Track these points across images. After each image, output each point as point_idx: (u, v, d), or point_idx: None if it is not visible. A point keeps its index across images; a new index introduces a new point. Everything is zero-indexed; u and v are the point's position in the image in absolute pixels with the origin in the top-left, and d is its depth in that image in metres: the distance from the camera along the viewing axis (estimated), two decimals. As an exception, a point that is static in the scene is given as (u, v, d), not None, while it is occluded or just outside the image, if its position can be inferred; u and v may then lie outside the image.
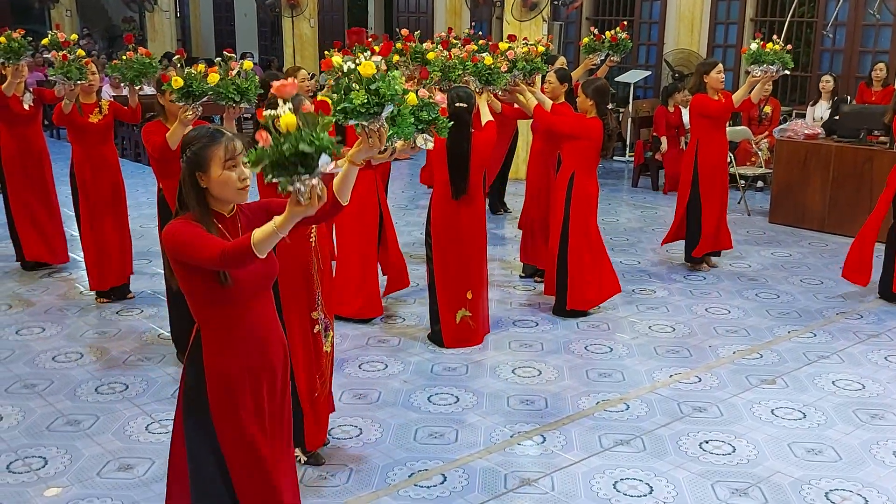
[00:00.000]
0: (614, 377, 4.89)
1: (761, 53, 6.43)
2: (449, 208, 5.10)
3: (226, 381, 2.64)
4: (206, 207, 2.59)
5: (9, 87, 6.30)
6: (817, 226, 8.32)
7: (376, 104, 2.64)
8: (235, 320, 2.63)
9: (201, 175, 2.57)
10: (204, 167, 2.55)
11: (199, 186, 2.58)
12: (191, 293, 2.62)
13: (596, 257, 5.79)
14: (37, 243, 6.75)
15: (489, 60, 5.19)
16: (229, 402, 2.66)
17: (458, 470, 3.84)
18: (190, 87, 4.35)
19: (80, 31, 22.61)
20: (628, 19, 14.44)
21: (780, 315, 5.97)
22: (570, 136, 5.59)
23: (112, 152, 6.05)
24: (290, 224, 2.31)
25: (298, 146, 2.11)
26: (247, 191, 2.58)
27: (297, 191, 2.19)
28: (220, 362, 2.63)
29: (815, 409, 4.49)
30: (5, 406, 4.42)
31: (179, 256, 2.53)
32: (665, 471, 3.86)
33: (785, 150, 8.63)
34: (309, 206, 2.22)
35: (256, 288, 2.65)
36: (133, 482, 3.71)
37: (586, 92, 5.57)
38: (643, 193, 10.26)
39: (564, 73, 6.39)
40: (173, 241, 2.51)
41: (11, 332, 5.48)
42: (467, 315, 5.25)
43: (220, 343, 2.63)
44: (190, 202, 2.59)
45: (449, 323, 5.23)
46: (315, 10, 16.67)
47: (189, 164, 2.57)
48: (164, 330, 5.50)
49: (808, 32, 12.62)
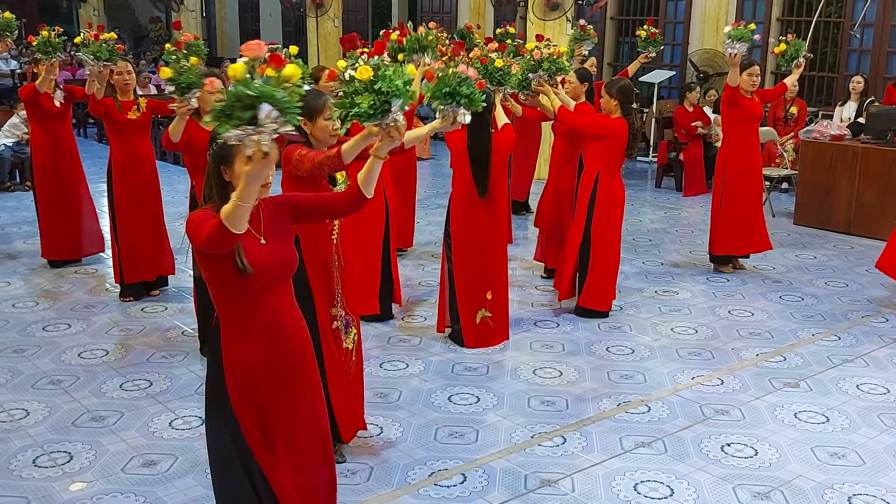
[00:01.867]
0: (636, 379, 4.88)
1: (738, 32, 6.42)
2: (469, 208, 5.10)
3: (242, 368, 2.69)
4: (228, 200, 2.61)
5: (42, 83, 6.41)
6: (843, 228, 8.24)
7: (383, 102, 2.72)
8: (252, 309, 2.68)
9: (225, 169, 2.61)
10: (228, 161, 2.59)
11: (223, 180, 2.62)
12: (211, 281, 2.68)
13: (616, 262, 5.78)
14: (58, 241, 6.82)
15: (499, 63, 5.20)
16: (246, 390, 2.70)
17: (479, 470, 3.85)
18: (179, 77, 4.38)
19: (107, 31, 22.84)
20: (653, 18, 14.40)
21: (805, 318, 5.92)
22: (595, 136, 5.57)
23: (149, 149, 6.12)
24: (249, 189, 2.31)
25: (240, 93, 2.14)
26: (268, 187, 2.59)
27: (243, 146, 2.20)
28: (237, 351, 2.68)
29: (838, 413, 4.46)
30: (32, 402, 4.49)
31: (193, 242, 2.60)
32: (686, 473, 3.84)
33: (811, 152, 8.56)
34: (256, 162, 2.22)
35: (273, 278, 2.69)
36: (156, 478, 3.75)
37: (610, 92, 5.55)
38: (667, 194, 10.21)
39: (584, 72, 6.39)
40: (189, 228, 2.58)
41: (38, 329, 5.56)
42: (487, 315, 5.26)
43: (236, 332, 2.69)
44: (214, 194, 2.64)
45: (469, 323, 5.23)
46: (339, 9, 16.74)
47: (214, 157, 2.62)
48: (188, 327, 5.55)
49: (836, 33, 12.48)
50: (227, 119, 2.18)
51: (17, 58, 18.45)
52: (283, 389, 2.76)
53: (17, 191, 9.76)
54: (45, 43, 6.26)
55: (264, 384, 2.73)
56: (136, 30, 25.64)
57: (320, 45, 16.26)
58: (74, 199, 6.81)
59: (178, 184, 9.99)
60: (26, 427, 4.20)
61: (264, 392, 2.73)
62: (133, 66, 6.33)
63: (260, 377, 2.72)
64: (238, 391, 2.71)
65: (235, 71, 2.17)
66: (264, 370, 2.72)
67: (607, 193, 5.61)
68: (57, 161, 6.70)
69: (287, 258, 2.72)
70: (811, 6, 12.17)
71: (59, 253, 6.87)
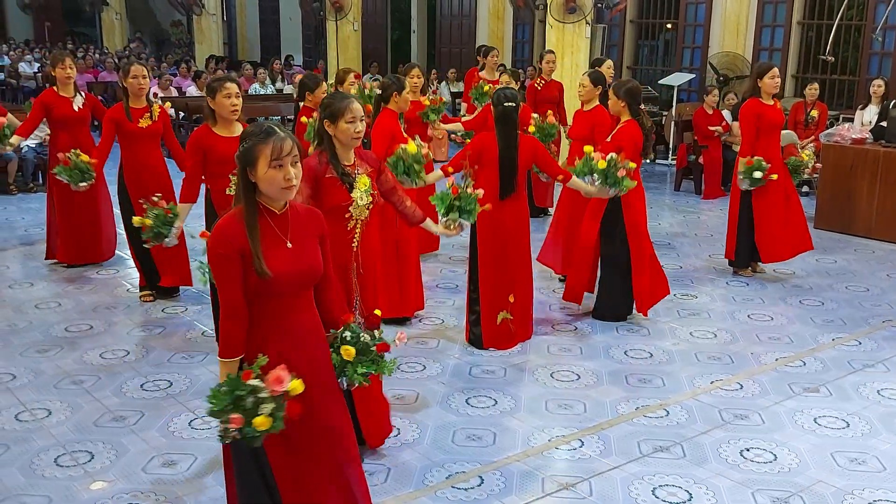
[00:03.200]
0: (654, 383, 4.86)
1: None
2: (493, 209, 5.06)
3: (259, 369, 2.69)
4: (253, 202, 2.67)
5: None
6: (864, 232, 8.18)
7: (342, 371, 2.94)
8: (272, 315, 2.70)
9: (251, 170, 2.65)
10: (252, 163, 2.63)
11: (249, 181, 2.66)
12: None
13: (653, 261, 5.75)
14: (75, 245, 6.87)
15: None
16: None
17: (496, 472, 3.85)
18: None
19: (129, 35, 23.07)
20: (672, 22, 14.35)
21: (825, 322, 5.88)
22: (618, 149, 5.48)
23: (159, 157, 6.15)
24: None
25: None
26: (291, 190, 2.63)
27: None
28: (254, 354, 2.68)
29: (858, 419, 4.42)
30: (54, 401, 4.54)
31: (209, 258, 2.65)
32: (705, 478, 3.83)
33: (831, 155, 8.50)
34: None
35: (295, 286, 2.71)
36: (176, 478, 3.78)
37: (618, 93, 5.55)
38: (686, 197, 10.17)
39: (598, 75, 6.34)
40: (212, 239, 2.62)
41: (60, 329, 5.62)
42: (508, 318, 5.27)
43: (256, 337, 2.71)
44: (240, 196, 2.68)
45: (490, 323, 5.25)
46: (359, 12, 16.82)
47: (240, 159, 2.66)
48: (207, 328, 5.59)
49: (857, 36, 12.39)
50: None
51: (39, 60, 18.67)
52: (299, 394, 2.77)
53: (39, 192, 9.87)
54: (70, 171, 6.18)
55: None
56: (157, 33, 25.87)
57: (340, 48, 16.33)
58: (91, 203, 6.84)
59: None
60: (48, 426, 4.25)
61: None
62: (149, 70, 6.39)
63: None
64: None
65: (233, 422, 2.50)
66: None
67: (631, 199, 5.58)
68: None
69: (310, 266, 2.73)
70: (832, 9, 12.10)
71: (75, 257, 6.91)
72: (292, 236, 2.70)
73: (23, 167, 10.04)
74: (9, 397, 4.58)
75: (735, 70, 12.89)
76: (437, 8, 18.14)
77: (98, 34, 21.28)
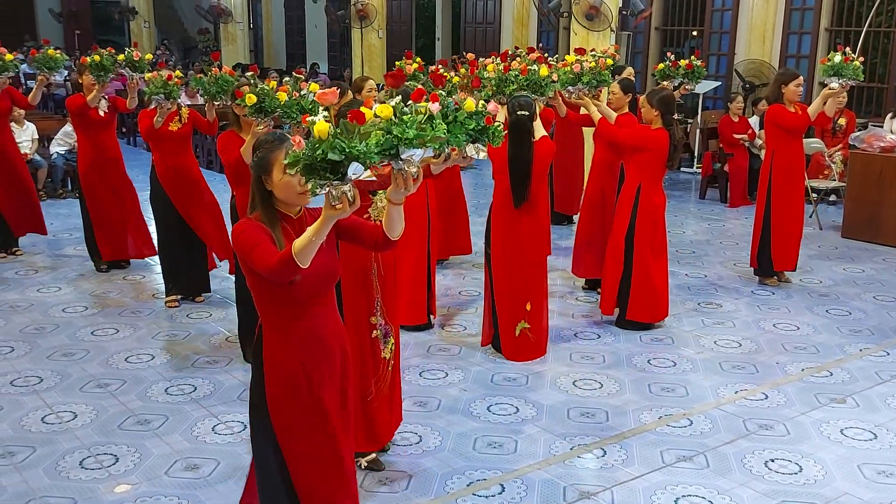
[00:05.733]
0: (677, 392, 4.83)
1: (842, 66, 6.21)
2: (509, 217, 5.09)
3: (283, 377, 2.73)
4: (271, 209, 2.70)
5: (93, 100, 6.57)
6: (892, 241, 8.06)
7: (392, 147, 2.42)
8: (296, 318, 2.72)
9: (266, 178, 2.68)
10: (268, 170, 2.66)
11: (265, 189, 2.69)
12: (255, 289, 2.73)
13: (662, 270, 5.73)
14: (110, 244, 7.01)
15: (545, 72, 5.18)
16: (286, 398, 2.75)
17: (517, 481, 3.84)
18: (262, 103, 4.51)
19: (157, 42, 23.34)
20: (698, 29, 14.28)
21: (852, 332, 5.80)
22: (635, 148, 5.54)
23: (191, 159, 6.23)
24: (325, 228, 2.42)
25: (328, 154, 2.23)
26: (307, 195, 2.64)
27: (328, 195, 2.32)
28: (278, 359, 2.73)
29: (886, 430, 4.36)
30: (80, 404, 4.59)
31: (240, 256, 2.66)
32: (728, 489, 3.79)
33: (859, 163, 8.40)
34: (341, 210, 2.34)
35: (318, 288, 2.73)
36: (199, 482, 3.81)
37: (651, 102, 5.52)
38: (711, 205, 10.10)
39: (628, 83, 6.34)
40: (238, 241, 2.63)
41: (87, 333, 5.68)
42: (526, 328, 5.21)
43: (279, 340, 2.73)
44: (257, 203, 2.71)
45: (508, 335, 5.21)
46: (384, 20, 16.90)
47: (255, 167, 2.69)
48: (231, 333, 5.63)
49: (886, 42, 12.25)
50: (311, 173, 2.29)
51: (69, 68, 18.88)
52: (320, 396, 2.79)
53: (68, 198, 10.00)
54: (98, 66, 6.44)
55: (303, 391, 2.76)
56: (184, 41, 26.14)
57: (364, 55, 16.42)
58: (120, 206, 6.95)
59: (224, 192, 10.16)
60: (74, 429, 4.30)
61: (302, 398, 2.76)
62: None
63: (299, 384, 2.75)
64: (276, 398, 2.75)
65: (320, 132, 2.26)
66: (303, 377, 2.75)
67: (649, 204, 5.57)
68: (102, 169, 6.85)
69: (329, 268, 2.75)
70: (860, 16, 11.98)
71: (115, 253, 7.04)
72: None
73: (52, 173, 10.18)
74: (35, 400, 4.64)
75: (761, 77, 12.79)
76: (462, 15, 18.17)
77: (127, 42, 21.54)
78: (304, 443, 2.79)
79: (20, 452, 4.06)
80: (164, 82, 5.74)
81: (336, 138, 2.25)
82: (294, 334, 2.73)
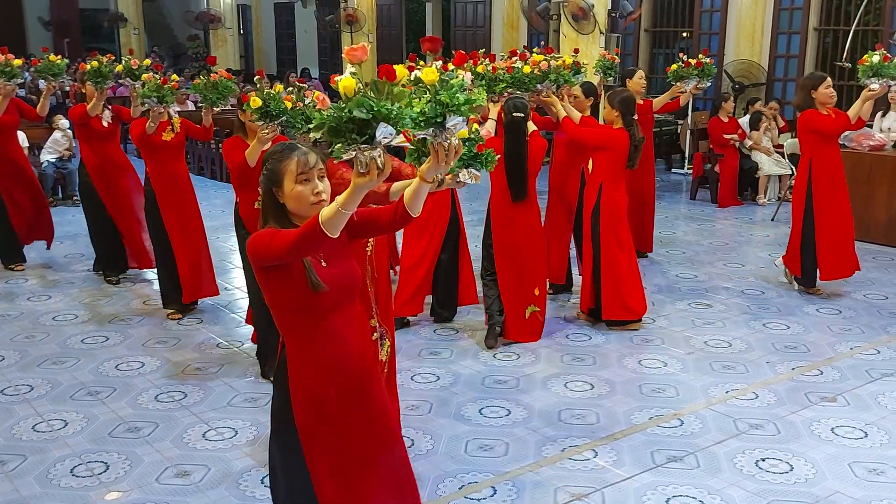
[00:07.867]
0: (668, 392, 4.84)
1: (882, 66, 6.02)
2: (507, 212, 5.37)
3: (310, 395, 2.59)
4: (286, 222, 2.56)
5: (94, 108, 6.53)
6: (882, 239, 8.10)
7: (439, 114, 2.34)
8: (319, 331, 2.57)
9: (277, 190, 2.56)
10: (278, 182, 2.54)
11: (277, 203, 2.57)
12: (275, 304, 2.59)
13: (632, 264, 5.77)
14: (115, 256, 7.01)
15: (527, 69, 5.38)
16: (314, 417, 2.60)
17: (508, 483, 3.84)
18: (268, 107, 4.49)
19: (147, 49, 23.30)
20: (688, 30, 14.32)
21: (842, 331, 5.82)
22: (597, 146, 5.64)
23: (184, 169, 6.17)
24: (355, 199, 2.25)
25: (353, 111, 2.07)
26: (322, 205, 2.48)
27: (356, 161, 2.14)
28: (304, 376, 2.58)
29: (877, 429, 4.37)
30: (70, 412, 4.57)
31: (262, 260, 2.49)
32: (719, 489, 3.79)
33: (848, 162, 8.38)
34: (370, 177, 2.19)
35: (339, 297, 2.60)
36: (190, 488, 3.80)
37: (612, 103, 5.64)
38: (701, 206, 10.13)
39: (590, 86, 6.39)
40: (254, 247, 2.48)
41: (77, 341, 5.67)
42: (536, 310, 5.50)
43: (303, 356, 2.58)
44: (270, 218, 2.59)
45: (517, 317, 5.45)
46: (373, 25, 16.92)
47: (265, 180, 2.57)
48: (222, 339, 5.62)
49: (874, 41, 12.31)
50: (338, 135, 2.12)
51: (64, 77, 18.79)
52: (348, 412, 2.64)
53: (59, 206, 9.97)
54: (96, 73, 6.40)
55: (333, 408, 2.61)
56: (174, 48, 26.09)
57: (355, 60, 16.38)
58: (123, 216, 6.91)
59: (215, 198, 10.15)
60: (65, 437, 4.28)
61: (333, 420, 2.62)
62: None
63: (330, 403, 2.60)
64: (306, 423, 2.60)
65: (346, 88, 2.10)
66: (334, 395, 2.60)
67: (611, 203, 5.64)
68: (105, 179, 6.82)
69: (349, 278, 2.63)
70: (849, 15, 12.03)
71: (120, 265, 7.04)
72: (325, 254, 2.59)
73: (43, 181, 10.14)
74: (26, 408, 4.63)
75: (751, 78, 12.83)
76: (452, 19, 18.19)
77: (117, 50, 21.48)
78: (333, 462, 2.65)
79: (11, 461, 4.05)
80: (158, 86, 5.73)
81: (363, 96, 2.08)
82: (317, 347, 2.58)
